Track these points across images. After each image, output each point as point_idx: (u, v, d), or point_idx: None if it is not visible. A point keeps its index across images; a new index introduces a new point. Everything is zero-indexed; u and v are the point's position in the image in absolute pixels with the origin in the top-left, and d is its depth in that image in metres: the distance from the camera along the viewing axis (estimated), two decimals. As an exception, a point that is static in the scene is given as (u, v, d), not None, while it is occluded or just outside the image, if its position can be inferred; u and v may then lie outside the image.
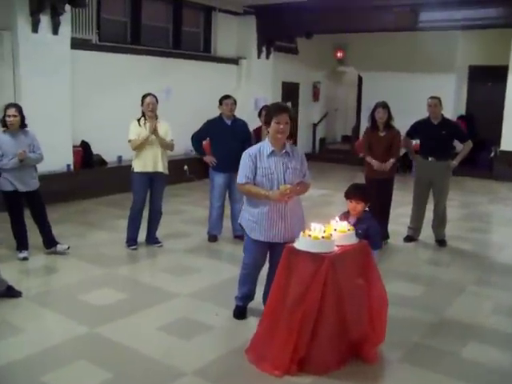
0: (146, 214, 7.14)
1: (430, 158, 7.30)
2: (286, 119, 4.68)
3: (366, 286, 4.44)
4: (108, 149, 10.26)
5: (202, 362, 4.29)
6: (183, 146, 10.09)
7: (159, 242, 7.19)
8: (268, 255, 5.04)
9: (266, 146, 4.78)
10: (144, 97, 6.88)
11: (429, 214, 7.64)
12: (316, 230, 4.25)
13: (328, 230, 4.34)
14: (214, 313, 5.23)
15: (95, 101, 10.26)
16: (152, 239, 7.20)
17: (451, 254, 7.25)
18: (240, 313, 5.16)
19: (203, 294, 5.67)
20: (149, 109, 6.77)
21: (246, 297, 5.19)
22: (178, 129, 7.50)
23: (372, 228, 4.68)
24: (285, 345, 4.18)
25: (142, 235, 7.18)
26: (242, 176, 4.76)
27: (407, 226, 7.76)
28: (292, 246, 4.25)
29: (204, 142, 7.49)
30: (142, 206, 7.01)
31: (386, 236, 7.41)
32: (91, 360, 4.26)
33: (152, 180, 6.94)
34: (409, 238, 7.67)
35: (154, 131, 6.66)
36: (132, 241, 7.04)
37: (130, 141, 6.82)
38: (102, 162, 10.26)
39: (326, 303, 4.10)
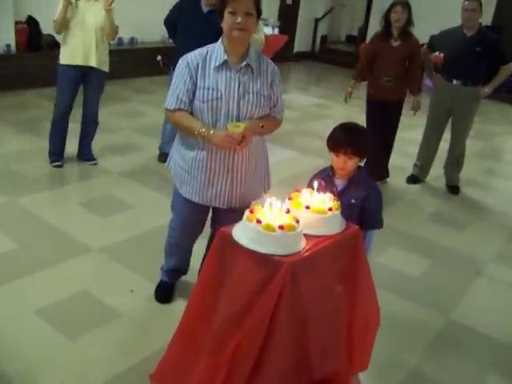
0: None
1: (454, 81, 5.29)
2: (248, 7, 2.69)
3: (348, 297, 2.65)
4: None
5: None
6: (158, 31, 8.22)
7: (93, 159, 5.35)
8: (210, 218, 3.21)
9: (216, 51, 2.83)
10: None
11: (442, 153, 5.71)
12: (272, 208, 2.38)
13: (295, 206, 2.48)
14: (129, 288, 3.48)
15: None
16: (84, 155, 5.36)
17: (464, 207, 5.45)
18: (163, 292, 3.46)
19: (125, 251, 3.94)
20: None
21: (175, 271, 3.43)
22: (150, 10, 5.44)
23: (371, 198, 2.84)
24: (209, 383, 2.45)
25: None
26: (172, 98, 2.87)
27: (413, 162, 5.89)
28: (228, 233, 2.40)
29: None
30: (67, 110, 5.12)
31: (385, 175, 5.57)
32: None
33: (84, 78, 4.96)
34: (413, 179, 5.83)
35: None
36: (55, 155, 5.20)
37: (54, 21, 4.78)
38: (54, 45, 8.05)
39: (278, 326, 2.33)
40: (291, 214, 2.40)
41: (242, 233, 2.33)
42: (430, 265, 4.19)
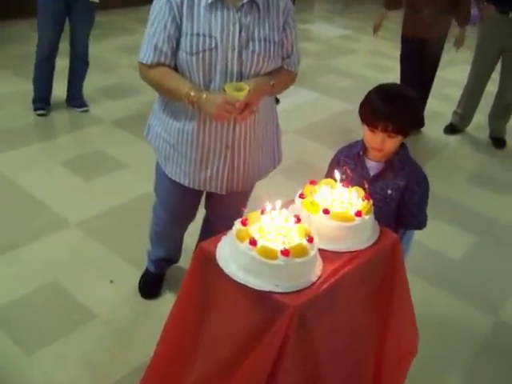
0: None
1: (511, 14, 4.29)
2: None
3: (378, 325, 1.93)
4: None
5: None
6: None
7: (83, 105, 4.59)
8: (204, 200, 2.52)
9: None
10: None
11: (487, 98, 4.80)
12: (272, 218, 1.63)
13: (308, 209, 1.73)
14: (109, 278, 2.82)
15: None
16: (73, 100, 4.59)
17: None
18: (149, 285, 2.79)
19: (109, 225, 3.26)
20: None
21: (164, 261, 2.75)
22: None
23: (415, 188, 2.04)
24: None
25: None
26: (147, 48, 2.08)
27: (452, 107, 5.01)
28: (210, 252, 1.66)
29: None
30: (52, 49, 4.30)
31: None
32: None
33: (70, 9, 4.12)
34: (452, 128, 4.97)
35: None
36: (40, 102, 4.45)
37: None
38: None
39: (281, 378, 1.60)
40: (302, 225, 1.64)
41: (230, 256, 1.60)
42: (474, 243, 3.43)
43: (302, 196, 1.83)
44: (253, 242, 1.53)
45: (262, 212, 1.67)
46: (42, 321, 2.54)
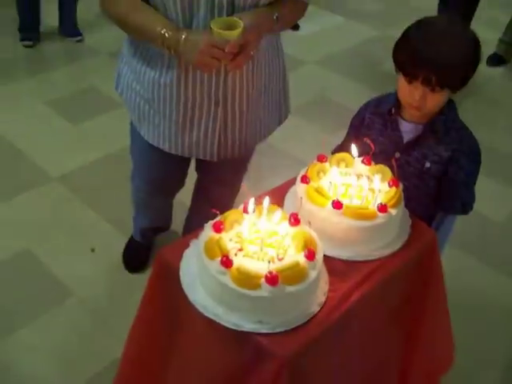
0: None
1: None
2: None
3: (404, 340, 1.45)
4: None
5: None
6: None
7: (77, 34, 4.00)
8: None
9: None
10: None
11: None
12: (262, 216, 1.12)
13: (312, 199, 1.21)
14: (90, 245, 2.40)
15: None
16: (66, 28, 4.01)
17: None
18: (135, 257, 2.36)
19: (94, 180, 2.78)
20: None
21: (151, 230, 2.29)
22: None
23: (462, 161, 1.49)
24: None
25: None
26: None
27: (498, 34, 4.26)
28: (172, 263, 1.17)
29: None
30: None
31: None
32: None
33: None
34: (497, 59, 4.25)
35: None
36: (26, 31, 3.88)
37: None
38: None
39: None
40: (301, 229, 1.14)
41: (198, 276, 1.11)
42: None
43: (305, 179, 1.31)
44: (226, 262, 1.05)
45: (245, 209, 1.16)
46: (7, 302, 2.14)
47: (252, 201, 1.15)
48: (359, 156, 1.38)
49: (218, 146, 1.68)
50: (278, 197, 1.37)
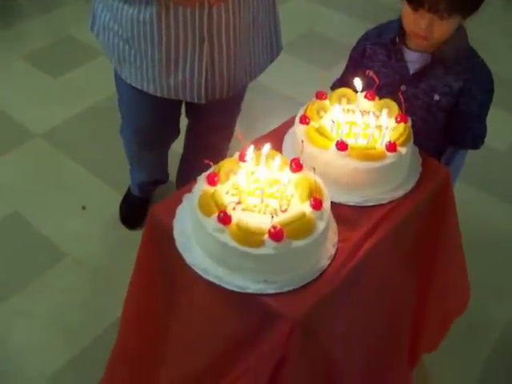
0: None
1: None
2: None
3: (418, 283, 1.35)
4: None
5: None
6: None
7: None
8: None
9: None
10: None
11: None
12: (260, 163, 0.99)
13: (313, 141, 1.09)
14: (80, 203, 2.26)
15: None
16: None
17: None
18: (132, 211, 2.24)
19: (81, 134, 2.61)
20: None
21: (148, 184, 2.17)
22: None
23: (474, 91, 1.35)
24: None
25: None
26: None
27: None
28: (164, 223, 1.04)
29: None
30: None
31: None
32: None
33: None
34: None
35: None
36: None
37: None
38: None
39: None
40: (304, 175, 1.02)
41: (194, 234, 0.99)
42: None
43: (304, 120, 1.18)
44: (224, 218, 0.92)
45: (242, 157, 1.03)
46: (-1, 267, 2.04)
47: (251, 148, 1.01)
48: (362, 91, 1.24)
49: (206, 86, 1.54)
50: (275, 141, 1.24)
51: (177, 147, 2.08)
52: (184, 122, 1.97)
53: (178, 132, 1.92)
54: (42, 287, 1.98)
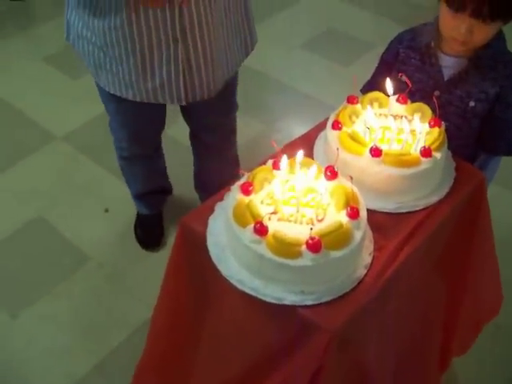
0: None
1: None
2: None
3: (450, 288, 1.33)
4: None
5: None
6: None
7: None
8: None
9: None
10: None
11: None
12: (292, 174, 0.98)
13: (347, 147, 1.08)
14: (103, 205, 2.29)
15: None
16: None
17: None
18: (146, 233, 2.19)
19: (101, 140, 2.48)
20: None
21: (151, 196, 2.17)
22: None
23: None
24: None
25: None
26: None
27: None
28: (197, 231, 1.03)
29: None
30: None
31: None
32: None
33: None
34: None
35: None
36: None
37: None
38: None
39: None
40: (339, 183, 1.00)
41: (228, 246, 0.98)
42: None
43: (336, 125, 1.15)
44: (260, 229, 0.91)
45: (275, 166, 1.02)
46: (23, 273, 2.04)
47: (285, 156, 1.00)
48: (393, 95, 1.21)
49: (185, 88, 1.53)
50: (306, 147, 1.22)
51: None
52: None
53: (163, 128, 1.91)
54: (67, 291, 1.99)
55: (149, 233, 2.14)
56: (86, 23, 1.48)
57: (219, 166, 1.91)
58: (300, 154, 1.00)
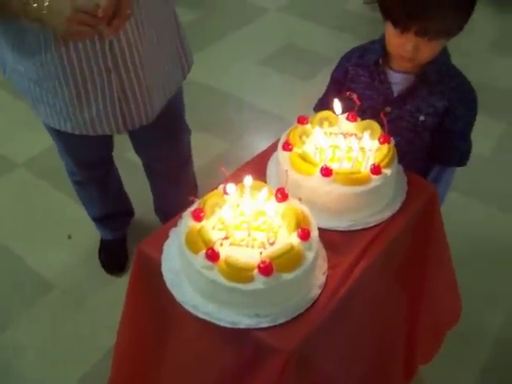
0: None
1: None
2: None
3: (408, 299, 1.36)
4: None
5: None
6: None
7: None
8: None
9: None
10: None
11: None
12: (245, 195, 0.99)
13: (297, 168, 1.10)
14: (66, 232, 2.26)
15: None
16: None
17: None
18: (111, 257, 2.17)
19: (58, 162, 2.43)
20: None
21: (111, 219, 2.15)
22: None
23: (459, 110, 1.35)
24: None
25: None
26: None
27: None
28: (152, 258, 1.03)
29: None
30: None
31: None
32: None
33: None
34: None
35: None
36: None
37: None
38: None
39: None
40: (290, 205, 1.01)
41: (182, 271, 0.98)
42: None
43: (287, 146, 1.17)
44: (212, 255, 0.92)
45: (225, 191, 1.03)
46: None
47: (231, 182, 1.01)
48: (343, 113, 1.24)
49: (123, 117, 1.51)
50: (259, 168, 1.24)
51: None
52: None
53: (110, 152, 1.90)
54: (33, 320, 1.96)
55: (113, 257, 2.13)
56: (18, 59, 1.46)
57: (175, 193, 1.88)
58: (248, 178, 1.01)
